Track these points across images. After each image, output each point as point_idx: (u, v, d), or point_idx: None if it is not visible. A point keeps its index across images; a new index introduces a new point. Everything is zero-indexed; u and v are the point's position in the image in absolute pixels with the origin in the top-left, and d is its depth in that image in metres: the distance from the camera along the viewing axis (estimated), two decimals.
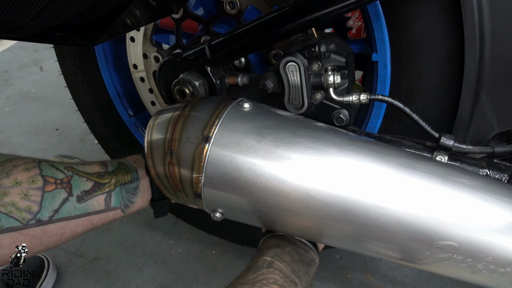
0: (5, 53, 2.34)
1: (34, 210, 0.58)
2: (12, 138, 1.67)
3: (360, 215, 0.51)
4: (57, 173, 0.62)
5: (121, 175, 0.69)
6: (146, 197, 0.71)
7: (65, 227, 0.61)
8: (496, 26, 0.55)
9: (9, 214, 0.56)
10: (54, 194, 0.60)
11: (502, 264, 0.50)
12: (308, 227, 0.57)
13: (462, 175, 0.54)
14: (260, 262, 0.60)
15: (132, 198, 0.69)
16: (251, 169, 0.53)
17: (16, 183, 0.58)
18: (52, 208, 0.60)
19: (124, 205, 0.68)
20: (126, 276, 1.13)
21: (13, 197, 0.57)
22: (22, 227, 0.57)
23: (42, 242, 0.60)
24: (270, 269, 0.59)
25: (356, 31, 1.21)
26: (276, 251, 0.62)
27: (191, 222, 1.18)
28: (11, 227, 0.56)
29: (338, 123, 0.65)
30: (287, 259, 0.61)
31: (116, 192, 0.67)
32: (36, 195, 0.59)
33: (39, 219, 0.58)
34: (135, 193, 0.69)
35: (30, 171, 0.60)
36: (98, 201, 0.65)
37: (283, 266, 0.60)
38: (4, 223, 0.55)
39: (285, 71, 0.63)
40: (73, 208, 0.62)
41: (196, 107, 0.59)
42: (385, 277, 1.09)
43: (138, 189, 0.70)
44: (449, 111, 0.64)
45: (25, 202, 0.57)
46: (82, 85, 1.01)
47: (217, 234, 1.18)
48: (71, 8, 0.39)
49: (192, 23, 0.83)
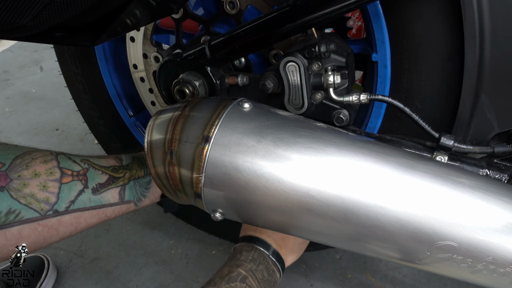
0: (5, 53, 2.34)
1: (52, 201, 0.60)
2: (12, 138, 1.67)
3: (360, 215, 0.51)
4: (73, 166, 0.65)
5: (135, 169, 0.71)
6: (158, 192, 0.73)
7: (80, 217, 0.64)
8: (496, 26, 0.55)
9: (29, 206, 0.58)
10: (71, 185, 0.63)
11: (502, 264, 0.50)
12: (308, 227, 0.57)
13: (462, 175, 0.54)
14: (235, 274, 0.64)
15: (145, 192, 0.71)
16: (251, 169, 0.53)
17: (35, 174, 0.60)
18: (68, 199, 0.62)
19: (137, 199, 0.70)
20: (126, 276, 1.13)
21: (33, 189, 0.59)
22: (40, 217, 0.59)
23: (58, 232, 0.62)
24: (243, 284, 0.63)
25: (356, 31, 1.21)
26: (252, 266, 0.66)
27: (191, 222, 1.18)
28: (30, 217, 0.58)
29: (338, 123, 0.65)
30: (259, 276, 0.66)
31: (130, 186, 0.69)
32: (54, 187, 0.61)
33: (56, 209, 0.60)
34: (148, 187, 0.72)
35: (48, 163, 0.62)
36: (112, 194, 0.67)
37: (254, 284, 0.64)
38: (24, 214, 0.58)
39: (285, 71, 0.63)
40: (88, 199, 0.64)
41: (196, 107, 0.59)
42: (385, 277, 1.09)
43: (151, 183, 0.72)
44: (449, 111, 0.64)
45: (43, 194, 0.59)
46: (82, 85, 1.01)
47: (217, 234, 1.18)
48: (71, 8, 0.39)
49: (192, 23, 0.84)
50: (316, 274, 1.12)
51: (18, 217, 0.57)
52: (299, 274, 1.12)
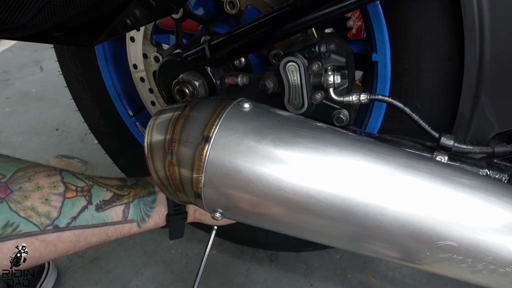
0: (5, 53, 2.34)
1: (53, 216, 0.58)
2: (12, 138, 1.67)
3: (360, 215, 0.51)
4: (78, 182, 0.63)
5: (139, 189, 0.70)
6: (162, 212, 0.72)
7: (81, 235, 0.62)
8: (496, 26, 0.55)
9: (28, 219, 0.56)
10: (74, 201, 0.61)
11: (502, 264, 0.49)
12: (308, 227, 0.57)
13: (462, 175, 0.54)
14: None
15: (149, 211, 0.70)
16: (251, 169, 0.53)
17: (38, 187, 0.58)
18: (70, 215, 0.60)
19: (140, 218, 0.69)
20: (126, 276, 1.13)
21: (34, 201, 0.57)
22: (39, 232, 0.57)
23: (56, 248, 0.60)
24: None
25: (356, 31, 1.21)
26: None
27: (191, 222, 1.18)
28: (28, 232, 0.56)
29: (338, 123, 0.65)
30: None
31: (135, 204, 0.68)
32: (56, 201, 0.59)
33: (57, 225, 0.58)
34: (153, 206, 0.71)
35: (52, 177, 0.60)
36: (116, 212, 0.66)
37: None
38: (23, 228, 0.55)
39: (285, 71, 0.63)
40: (91, 216, 0.62)
41: (196, 107, 0.59)
42: (385, 277, 1.09)
43: (156, 202, 0.71)
44: (449, 111, 0.64)
45: (45, 207, 0.57)
46: (82, 85, 1.01)
47: (217, 234, 1.18)
48: (70, 7, 0.39)
49: (192, 23, 0.83)
50: (316, 274, 1.12)
51: (16, 230, 0.55)
52: (299, 274, 1.12)
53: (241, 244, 1.19)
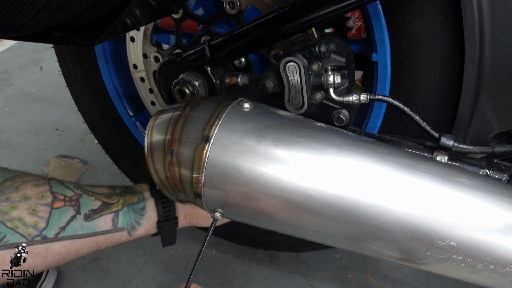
0: (5, 53, 2.34)
1: (41, 227, 0.57)
2: (12, 138, 1.67)
3: (360, 215, 0.51)
4: (66, 191, 0.62)
5: (128, 196, 0.70)
6: (153, 219, 0.71)
7: (71, 246, 0.61)
8: (496, 26, 0.55)
9: (15, 229, 0.55)
10: (62, 211, 0.60)
11: (502, 264, 0.49)
12: (308, 227, 0.57)
13: (462, 175, 0.54)
14: None
15: (139, 219, 0.69)
16: (251, 169, 0.53)
17: (25, 197, 0.57)
18: (59, 226, 0.59)
19: (131, 226, 0.68)
20: (126, 276, 1.13)
21: (21, 212, 0.56)
22: (26, 243, 0.56)
23: (45, 260, 0.59)
24: None
25: (356, 31, 1.21)
26: None
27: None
28: (15, 242, 0.55)
29: (338, 123, 0.65)
30: None
31: (124, 212, 0.67)
32: (44, 211, 0.58)
33: (45, 236, 0.57)
34: (142, 213, 0.70)
35: (40, 187, 0.60)
36: (105, 221, 0.65)
37: None
38: (10, 238, 0.55)
39: (285, 71, 0.63)
40: (80, 226, 0.62)
41: (196, 107, 0.59)
42: (385, 277, 1.09)
43: (145, 209, 0.70)
44: (449, 111, 0.64)
45: (32, 218, 0.57)
46: (82, 85, 1.01)
47: (217, 234, 1.18)
48: (70, 7, 0.39)
49: (192, 23, 0.83)
50: (316, 274, 1.12)
51: (2, 241, 0.54)
52: (299, 274, 1.12)
53: (240, 244, 1.19)
